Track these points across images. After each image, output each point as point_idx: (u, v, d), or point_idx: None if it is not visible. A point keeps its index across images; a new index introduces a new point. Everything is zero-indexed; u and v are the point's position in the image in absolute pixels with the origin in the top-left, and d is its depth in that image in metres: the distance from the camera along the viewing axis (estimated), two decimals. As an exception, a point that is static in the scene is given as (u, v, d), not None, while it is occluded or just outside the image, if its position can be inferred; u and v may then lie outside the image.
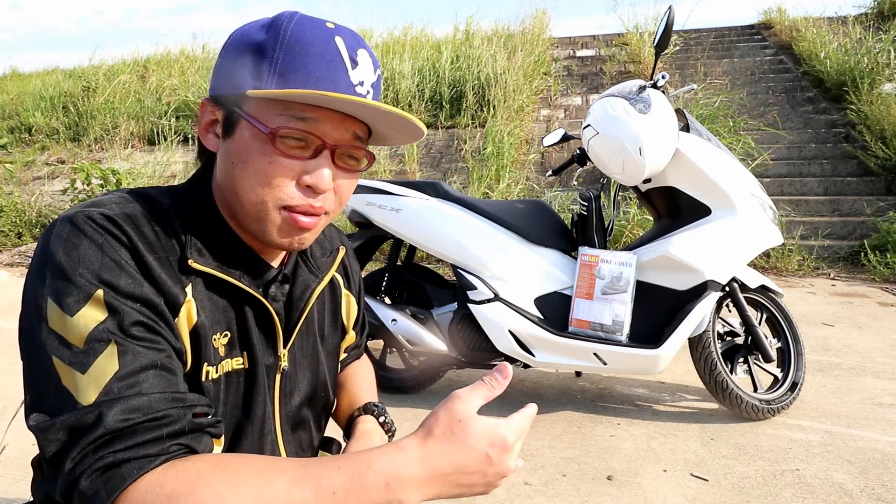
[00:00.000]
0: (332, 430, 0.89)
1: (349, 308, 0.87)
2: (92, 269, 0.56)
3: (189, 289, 0.63)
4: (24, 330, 0.57)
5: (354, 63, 0.63)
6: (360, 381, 0.95)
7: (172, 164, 7.39)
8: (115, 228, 0.59)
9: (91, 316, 0.54)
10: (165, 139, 7.75)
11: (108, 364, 0.53)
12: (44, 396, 0.54)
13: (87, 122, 8.30)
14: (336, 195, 0.66)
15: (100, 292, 0.55)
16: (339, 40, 0.62)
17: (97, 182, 6.17)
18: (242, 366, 0.68)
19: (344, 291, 0.86)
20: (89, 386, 0.52)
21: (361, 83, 0.63)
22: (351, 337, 0.91)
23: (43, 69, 11.09)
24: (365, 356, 1.02)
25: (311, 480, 0.51)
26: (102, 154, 7.89)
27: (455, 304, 2.41)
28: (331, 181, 0.63)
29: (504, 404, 2.45)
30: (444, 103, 7.29)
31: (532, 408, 0.60)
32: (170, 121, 7.93)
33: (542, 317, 2.27)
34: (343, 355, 0.93)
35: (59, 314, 0.54)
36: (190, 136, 7.71)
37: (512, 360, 2.36)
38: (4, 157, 7.21)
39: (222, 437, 0.62)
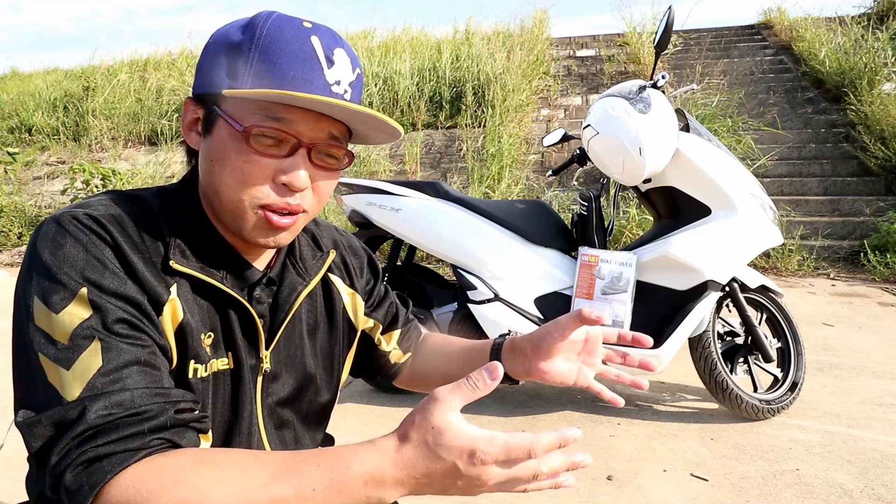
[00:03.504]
0: (332, 428, 0.89)
1: (355, 306, 0.86)
2: (77, 267, 0.57)
3: (174, 288, 0.63)
4: (14, 328, 0.58)
5: (330, 62, 0.63)
6: (450, 341, 0.93)
7: (172, 165, 7.39)
8: (100, 228, 0.60)
9: (76, 313, 0.56)
10: (165, 139, 7.75)
11: (91, 360, 0.54)
12: (31, 393, 0.55)
13: (87, 122, 8.30)
14: (315, 194, 0.67)
15: (84, 290, 0.56)
16: (315, 39, 0.63)
17: (97, 182, 6.17)
18: (228, 366, 0.69)
19: (346, 291, 0.85)
20: (73, 382, 0.54)
21: (338, 82, 0.64)
22: (371, 324, 0.89)
23: (43, 69, 11.10)
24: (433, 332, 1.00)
25: (291, 477, 0.52)
26: (102, 154, 7.89)
27: (455, 304, 2.41)
28: (307, 180, 0.64)
29: (504, 403, 2.45)
30: (443, 103, 7.29)
31: (526, 439, 0.52)
32: (170, 121, 7.93)
33: (542, 317, 2.26)
34: (394, 337, 0.91)
35: (45, 312, 0.56)
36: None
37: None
38: (4, 158, 7.21)
39: (210, 433, 0.63)
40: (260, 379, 0.72)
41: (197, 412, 0.60)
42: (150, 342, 0.59)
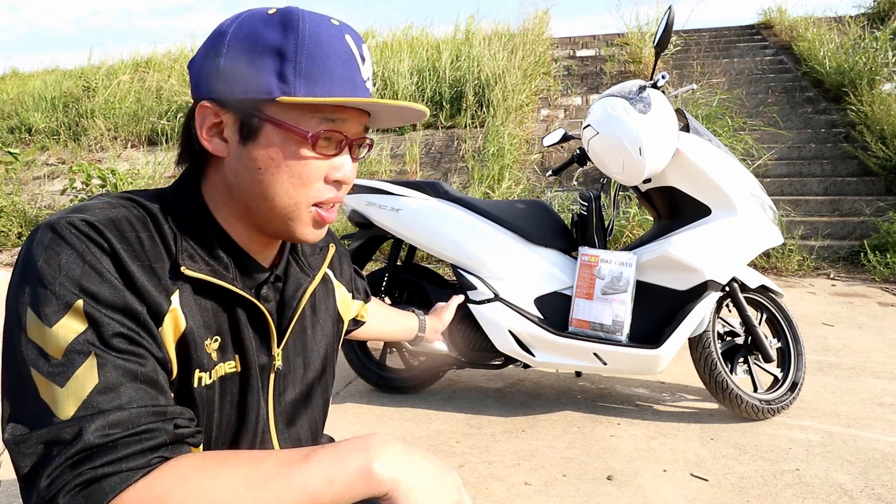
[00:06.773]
0: (332, 429, 0.89)
1: (343, 298, 0.90)
2: (72, 277, 0.54)
3: (175, 296, 0.61)
4: (5, 338, 0.56)
5: (363, 59, 0.66)
6: (389, 315, 1.19)
7: (172, 165, 7.39)
8: (98, 235, 0.57)
9: (70, 327, 0.53)
10: (165, 139, 7.75)
11: (87, 377, 0.52)
12: (21, 408, 0.53)
13: (87, 122, 8.30)
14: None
15: (80, 302, 0.54)
16: (348, 38, 0.65)
17: (97, 182, 6.17)
18: (235, 369, 0.67)
19: (336, 284, 0.88)
20: (68, 399, 0.51)
21: (369, 78, 0.67)
22: (358, 305, 1.01)
23: (43, 69, 11.10)
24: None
25: (298, 454, 0.55)
26: (102, 154, 7.89)
27: (455, 304, 2.40)
28: (355, 173, 0.69)
29: (504, 403, 2.45)
30: (444, 103, 7.29)
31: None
32: (170, 121, 7.93)
33: (542, 317, 2.26)
34: (368, 309, 1.08)
35: (38, 324, 0.53)
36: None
37: (512, 360, 2.36)
38: (5, 157, 7.21)
39: (201, 447, 0.62)
40: (272, 377, 0.72)
41: (192, 427, 0.59)
42: (148, 357, 0.57)
